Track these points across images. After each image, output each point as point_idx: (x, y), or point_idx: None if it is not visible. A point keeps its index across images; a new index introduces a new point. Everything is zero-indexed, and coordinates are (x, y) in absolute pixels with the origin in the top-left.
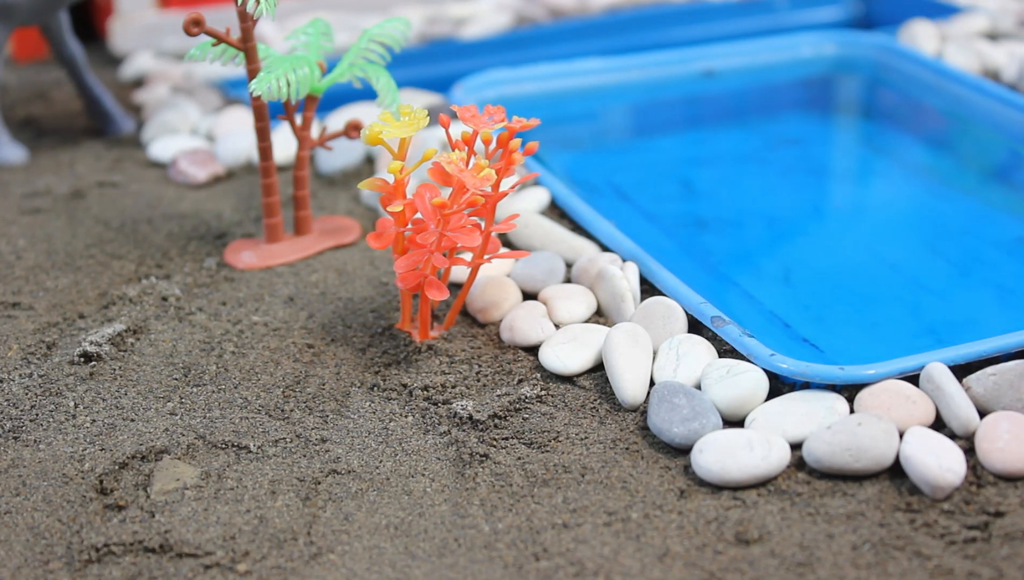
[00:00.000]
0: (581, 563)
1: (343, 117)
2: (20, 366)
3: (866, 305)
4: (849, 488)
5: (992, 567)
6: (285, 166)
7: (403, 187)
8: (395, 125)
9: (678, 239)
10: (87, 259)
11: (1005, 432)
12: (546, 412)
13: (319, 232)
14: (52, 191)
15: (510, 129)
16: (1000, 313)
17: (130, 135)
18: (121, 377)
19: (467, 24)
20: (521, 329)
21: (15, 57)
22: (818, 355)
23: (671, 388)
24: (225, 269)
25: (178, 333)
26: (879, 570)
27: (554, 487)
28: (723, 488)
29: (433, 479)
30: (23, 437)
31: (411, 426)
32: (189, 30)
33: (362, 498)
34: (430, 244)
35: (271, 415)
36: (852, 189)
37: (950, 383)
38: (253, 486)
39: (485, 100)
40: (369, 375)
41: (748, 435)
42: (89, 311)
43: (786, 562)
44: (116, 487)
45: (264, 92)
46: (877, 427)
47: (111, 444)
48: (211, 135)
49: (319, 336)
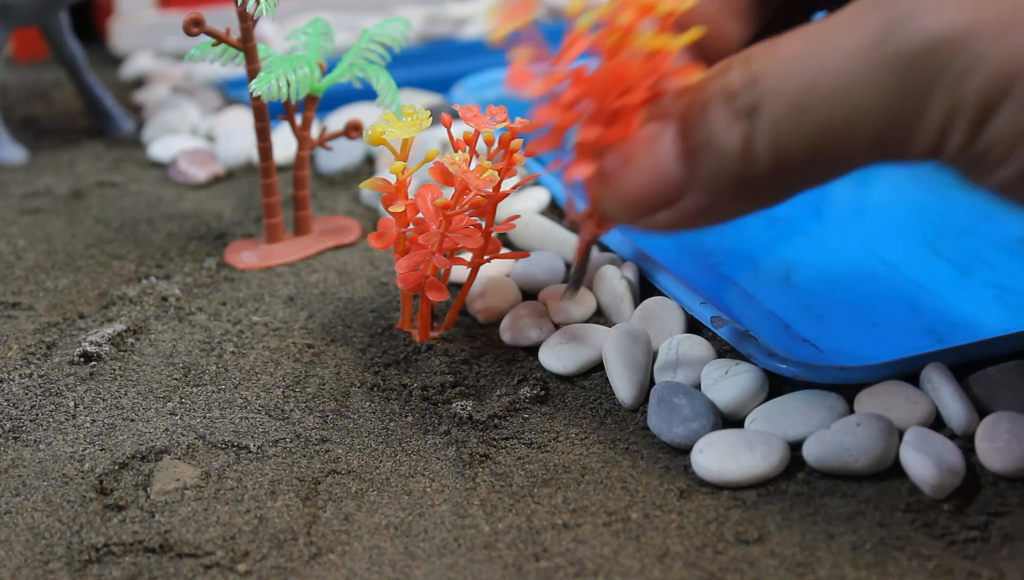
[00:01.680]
0: (581, 563)
1: (343, 117)
2: (20, 366)
3: (866, 305)
4: (849, 488)
5: (992, 567)
6: (285, 166)
7: (405, 187)
8: (398, 126)
9: (678, 239)
10: (87, 259)
11: (1005, 432)
12: (546, 412)
13: (319, 232)
14: (52, 191)
15: (512, 130)
16: (1000, 313)
17: (130, 135)
18: (121, 377)
19: (467, 24)
20: (521, 329)
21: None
22: (818, 355)
23: (671, 388)
24: (225, 269)
25: (178, 333)
26: (879, 570)
27: (554, 487)
28: (723, 488)
29: (433, 479)
30: (23, 437)
31: (411, 426)
32: (189, 30)
33: (362, 498)
34: (432, 244)
35: (271, 415)
36: (852, 189)
37: (950, 383)
38: (253, 486)
39: (486, 100)
40: (369, 375)
41: (748, 435)
42: (89, 311)
43: (786, 562)
44: (116, 487)
45: (264, 92)
46: (877, 427)
47: (111, 444)
48: (211, 135)
49: (319, 336)
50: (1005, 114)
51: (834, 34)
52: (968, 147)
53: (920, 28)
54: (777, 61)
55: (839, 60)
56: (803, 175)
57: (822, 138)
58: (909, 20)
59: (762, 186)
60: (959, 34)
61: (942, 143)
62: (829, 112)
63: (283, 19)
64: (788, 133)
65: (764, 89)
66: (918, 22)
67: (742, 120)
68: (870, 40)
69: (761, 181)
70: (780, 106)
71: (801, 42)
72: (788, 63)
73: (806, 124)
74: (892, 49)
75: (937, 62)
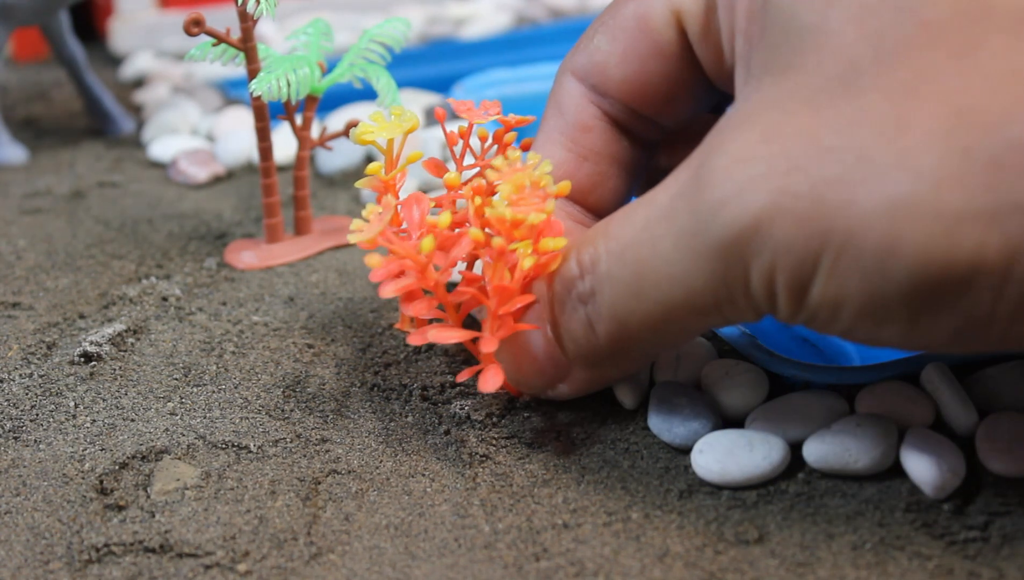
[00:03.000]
0: (581, 563)
1: (343, 117)
2: (20, 366)
3: None
4: (849, 488)
5: (992, 567)
6: (285, 166)
7: (392, 187)
8: (383, 126)
9: None
10: (87, 259)
11: (1005, 432)
12: (546, 412)
13: (319, 232)
14: (52, 191)
15: (505, 124)
16: None
17: (130, 135)
18: (121, 377)
19: (467, 24)
20: None
21: (15, 57)
22: (818, 355)
23: (671, 388)
24: (225, 269)
25: (178, 333)
26: (879, 570)
27: (554, 487)
28: (723, 488)
29: (433, 479)
30: (23, 437)
31: (411, 426)
32: (189, 30)
33: (362, 498)
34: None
35: (271, 415)
36: None
37: (950, 383)
38: (253, 486)
39: None
40: (369, 375)
41: (748, 435)
42: (89, 311)
43: (786, 562)
44: (116, 487)
45: (264, 92)
46: (877, 427)
47: (111, 444)
48: (211, 135)
49: (319, 336)
50: (818, 286)
51: (656, 220)
52: (796, 313)
53: (726, 222)
54: (611, 245)
55: (664, 248)
56: (651, 346)
57: (660, 316)
58: (716, 213)
59: (621, 359)
60: (762, 222)
61: (773, 311)
62: (665, 292)
63: (283, 19)
64: (627, 314)
65: (600, 275)
66: (723, 216)
67: (583, 305)
68: (687, 230)
69: (613, 356)
70: (616, 290)
71: (631, 227)
72: (621, 249)
73: (643, 305)
74: (707, 240)
75: (747, 248)
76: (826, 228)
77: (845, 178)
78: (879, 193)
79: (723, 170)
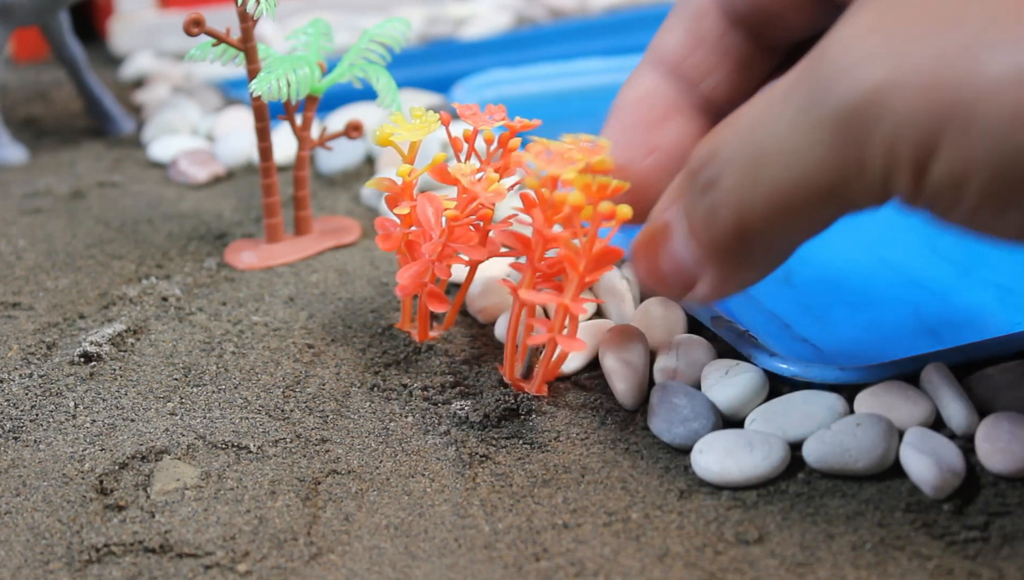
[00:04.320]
0: (581, 563)
1: (343, 117)
2: (20, 366)
3: (866, 305)
4: (849, 488)
5: (992, 567)
6: (285, 166)
7: (411, 189)
8: (406, 128)
9: None
10: (87, 259)
11: (1005, 432)
12: (546, 412)
13: (319, 232)
14: (52, 191)
15: (511, 128)
16: (1000, 313)
17: (130, 135)
18: (121, 377)
19: (467, 24)
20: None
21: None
22: (818, 355)
23: (671, 388)
24: (225, 269)
25: (178, 333)
26: (879, 570)
27: (554, 487)
28: (723, 488)
29: (433, 479)
30: (23, 437)
31: (411, 426)
32: (189, 30)
33: (362, 498)
34: (433, 253)
35: (271, 415)
36: None
37: (950, 383)
38: (253, 486)
39: (485, 100)
40: (369, 375)
41: (748, 435)
42: (89, 311)
43: (786, 562)
44: (116, 487)
45: (264, 92)
46: (877, 427)
47: (111, 444)
48: (211, 135)
49: (319, 336)
50: (941, 161)
51: (776, 101)
52: (917, 193)
53: (844, 92)
54: (733, 133)
55: (782, 126)
56: (774, 236)
57: (780, 200)
58: (834, 84)
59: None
60: (879, 94)
61: (891, 191)
62: (781, 174)
63: (283, 19)
64: (748, 200)
65: (721, 161)
66: (842, 86)
67: (707, 194)
68: (805, 105)
69: (739, 249)
70: (736, 174)
71: (751, 112)
72: (742, 134)
73: (762, 187)
74: (824, 112)
75: (865, 120)
76: (950, 98)
77: (971, 46)
78: (1008, 60)
79: (841, 45)
